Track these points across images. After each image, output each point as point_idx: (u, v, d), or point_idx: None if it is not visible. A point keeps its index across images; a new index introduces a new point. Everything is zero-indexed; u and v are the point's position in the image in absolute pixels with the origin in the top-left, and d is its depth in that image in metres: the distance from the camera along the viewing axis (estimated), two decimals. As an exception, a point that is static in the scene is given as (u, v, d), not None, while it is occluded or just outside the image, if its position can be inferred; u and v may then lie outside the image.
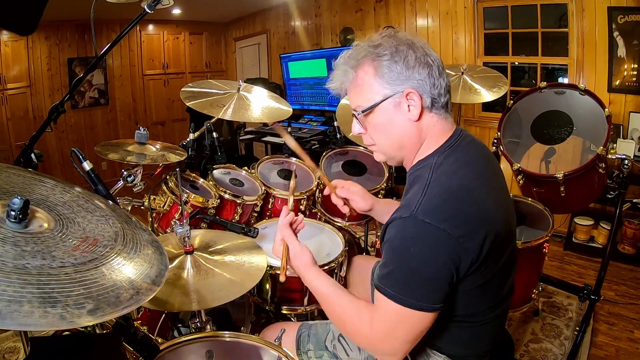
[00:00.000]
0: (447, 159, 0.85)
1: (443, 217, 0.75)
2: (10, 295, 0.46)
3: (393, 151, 0.93)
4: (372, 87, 0.86)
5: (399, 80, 0.84)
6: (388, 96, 0.85)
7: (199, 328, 1.13)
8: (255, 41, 5.61)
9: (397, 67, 0.83)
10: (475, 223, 0.77)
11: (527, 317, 2.16)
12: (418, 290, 0.77)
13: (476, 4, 3.30)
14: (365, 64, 0.87)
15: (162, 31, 5.54)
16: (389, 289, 0.79)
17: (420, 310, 0.77)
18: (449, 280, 0.77)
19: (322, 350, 1.08)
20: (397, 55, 0.84)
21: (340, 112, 1.96)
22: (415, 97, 0.84)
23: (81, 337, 0.79)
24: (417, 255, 0.76)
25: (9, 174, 0.73)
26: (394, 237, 0.80)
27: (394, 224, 0.81)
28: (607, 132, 1.58)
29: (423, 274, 0.76)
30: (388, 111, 0.87)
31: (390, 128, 0.89)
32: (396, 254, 0.80)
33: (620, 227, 2.75)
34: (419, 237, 0.76)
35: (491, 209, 0.81)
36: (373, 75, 0.86)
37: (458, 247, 0.75)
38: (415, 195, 0.81)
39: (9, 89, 4.36)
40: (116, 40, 1.46)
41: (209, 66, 6.13)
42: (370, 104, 0.87)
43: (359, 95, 0.89)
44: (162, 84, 5.70)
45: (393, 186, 2.12)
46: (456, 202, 0.78)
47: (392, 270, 0.80)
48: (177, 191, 1.50)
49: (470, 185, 0.81)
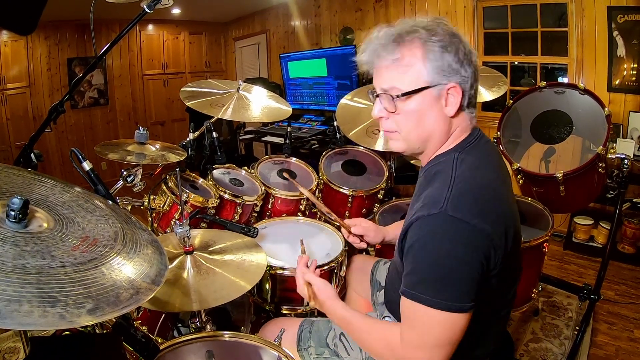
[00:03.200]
0: (468, 155, 0.83)
1: (473, 213, 0.73)
2: (10, 295, 0.46)
3: (418, 142, 0.87)
4: (418, 70, 0.79)
5: (447, 72, 0.79)
6: (431, 85, 0.80)
7: (199, 328, 1.13)
8: (255, 41, 5.60)
9: (449, 57, 0.78)
10: (501, 220, 0.76)
11: (527, 317, 2.16)
12: (453, 290, 0.73)
13: (476, 3, 3.30)
14: (414, 44, 0.79)
15: (161, 31, 5.53)
16: (422, 295, 0.74)
17: (457, 312, 0.73)
18: (480, 277, 0.74)
19: (323, 348, 1.08)
20: (450, 45, 0.78)
21: (340, 112, 1.96)
22: (457, 93, 0.80)
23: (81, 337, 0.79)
24: (451, 253, 0.72)
25: (8, 174, 0.73)
26: (422, 237, 0.75)
27: (419, 223, 0.76)
28: (606, 131, 1.58)
29: (458, 272, 0.73)
30: (426, 100, 0.81)
31: (423, 118, 0.83)
32: (427, 254, 0.75)
33: (620, 226, 2.75)
34: (451, 235, 0.72)
35: (511, 207, 0.82)
36: (421, 59, 0.79)
37: (489, 244, 0.73)
38: (439, 191, 0.77)
39: (9, 89, 4.36)
40: (116, 40, 1.46)
41: (209, 66, 6.13)
42: (411, 88, 0.80)
43: (399, 75, 0.81)
44: (161, 83, 5.70)
45: (393, 186, 2.12)
46: (484, 198, 0.76)
47: (422, 273, 0.75)
48: (176, 191, 1.50)
49: (494, 182, 0.81)
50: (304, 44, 4.82)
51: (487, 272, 0.75)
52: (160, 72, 5.66)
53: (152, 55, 5.52)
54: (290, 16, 4.95)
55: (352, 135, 1.86)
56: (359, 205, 1.90)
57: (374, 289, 1.34)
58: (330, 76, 4.31)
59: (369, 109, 1.90)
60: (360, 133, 1.84)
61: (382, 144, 1.80)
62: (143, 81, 5.52)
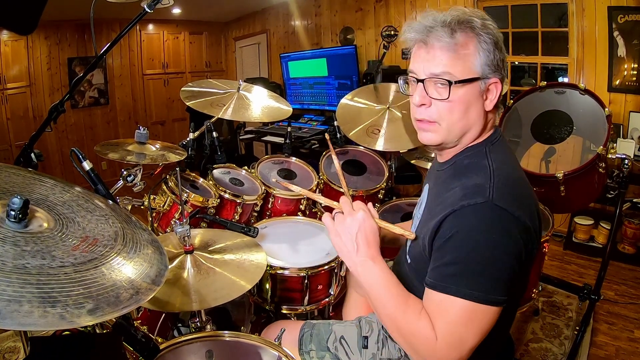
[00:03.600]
0: (495, 150, 0.85)
1: (517, 205, 0.73)
2: (10, 295, 0.46)
3: (459, 134, 0.85)
4: (472, 60, 0.80)
5: (495, 67, 0.81)
6: (481, 77, 0.81)
7: (199, 328, 1.13)
8: (255, 41, 5.60)
9: (497, 53, 0.81)
10: (536, 215, 0.78)
11: (527, 317, 2.16)
12: (492, 282, 0.71)
13: (476, 3, 3.29)
14: (469, 34, 0.80)
15: (162, 31, 5.53)
16: (459, 287, 0.71)
17: (494, 305, 0.71)
18: (518, 271, 0.73)
19: (324, 351, 1.08)
20: (499, 43, 0.82)
21: (340, 112, 1.96)
22: (497, 89, 0.83)
23: (81, 337, 0.79)
24: (498, 244, 0.71)
25: (9, 174, 0.73)
26: (467, 226, 0.72)
27: (462, 212, 0.73)
28: (607, 131, 1.57)
29: (500, 263, 0.71)
30: (474, 91, 0.82)
31: (469, 109, 0.83)
32: (475, 242, 0.72)
33: (620, 226, 2.75)
34: (499, 224, 0.71)
35: (538, 203, 0.83)
36: (475, 49, 0.80)
37: (528, 237, 0.74)
38: (482, 181, 0.76)
39: (9, 89, 4.36)
40: (116, 40, 1.46)
41: (209, 66, 6.12)
42: (465, 77, 0.80)
43: (456, 62, 0.80)
44: (162, 83, 5.69)
45: (393, 186, 2.12)
46: (522, 190, 0.78)
47: (463, 265, 0.72)
48: (177, 191, 1.50)
49: (525, 178, 0.83)
50: (304, 43, 4.82)
51: (523, 266, 0.75)
52: (161, 72, 5.66)
53: (152, 54, 5.52)
54: (291, 16, 4.95)
55: (352, 135, 1.85)
56: (359, 205, 1.89)
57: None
58: (330, 76, 4.31)
59: (369, 109, 1.93)
60: (361, 133, 1.84)
61: (382, 143, 1.80)
62: (143, 81, 5.52)
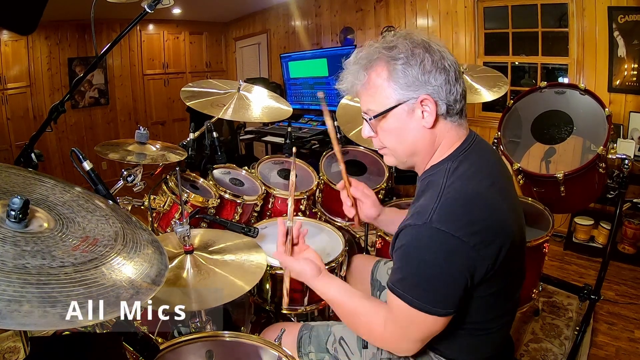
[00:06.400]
0: (461, 164, 0.83)
1: (458, 225, 0.74)
2: (10, 295, 0.46)
3: (405, 157, 0.90)
4: (385, 91, 0.82)
5: (414, 85, 0.80)
6: (402, 102, 0.82)
7: (199, 328, 1.13)
8: (256, 41, 5.60)
9: (413, 71, 0.79)
10: (492, 230, 0.76)
11: (527, 317, 2.16)
12: (432, 296, 0.76)
13: (476, 3, 3.29)
14: (379, 66, 0.83)
15: (162, 31, 5.53)
16: (404, 293, 0.78)
17: (433, 315, 0.77)
18: (463, 287, 0.76)
19: (323, 353, 1.08)
20: (413, 58, 0.79)
21: (340, 112, 1.96)
22: (430, 104, 0.81)
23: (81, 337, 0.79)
24: (432, 264, 0.75)
25: (9, 174, 0.73)
26: (407, 245, 0.79)
27: (406, 231, 0.79)
28: (607, 132, 1.57)
29: (438, 281, 0.76)
30: (401, 117, 0.83)
31: (403, 134, 0.85)
32: (410, 261, 0.78)
33: (620, 227, 2.75)
34: (434, 246, 0.75)
35: (507, 215, 0.81)
36: (387, 79, 0.82)
37: (474, 255, 0.74)
38: (429, 201, 0.78)
39: (9, 89, 4.36)
40: (116, 40, 1.46)
41: (209, 66, 6.13)
42: (383, 108, 0.83)
43: (370, 98, 0.85)
44: (162, 83, 5.70)
45: (393, 186, 2.12)
46: (472, 209, 0.76)
47: (406, 277, 0.79)
48: (177, 191, 1.50)
49: (486, 192, 0.80)
50: (304, 44, 4.82)
51: (472, 282, 0.77)
52: (161, 72, 5.66)
53: (152, 55, 5.52)
54: (291, 16, 4.95)
55: (352, 135, 1.86)
56: (359, 205, 1.89)
57: (374, 289, 1.34)
58: (331, 76, 4.31)
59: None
60: (361, 133, 1.84)
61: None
62: (143, 81, 5.52)
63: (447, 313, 0.77)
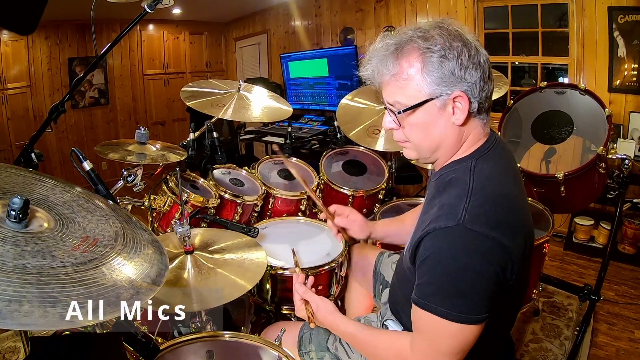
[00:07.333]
0: (486, 163, 0.81)
1: (491, 226, 0.71)
2: (10, 295, 0.46)
3: (429, 152, 0.85)
4: (418, 84, 0.77)
5: (449, 81, 0.76)
6: (434, 97, 0.77)
7: (199, 328, 1.13)
8: (256, 41, 5.60)
9: (450, 65, 0.75)
10: (519, 231, 0.75)
11: (527, 317, 2.16)
12: (468, 303, 0.72)
13: (476, 3, 3.29)
14: (412, 55, 0.77)
15: (162, 31, 5.53)
16: (437, 306, 0.73)
17: (470, 324, 0.73)
18: (496, 289, 0.73)
19: (323, 352, 1.08)
20: (450, 52, 0.74)
21: (340, 112, 1.96)
22: (463, 101, 0.77)
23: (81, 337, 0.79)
24: (468, 267, 0.71)
25: (9, 174, 0.73)
26: (439, 249, 0.74)
27: (435, 234, 0.75)
28: (607, 132, 1.57)
29: (474, 285, 0.72)
30: (431, 112, 0.79)
31: (430, 129, 0.81)
32: (444, 266, 0.73)
33: (620, 227, 2.75)
34: (470, 248, 0.71)
35: (527, 216, 0.81)
36: (420, 71, 0.76)
37: (506, 256, 0.72)
38: (456, 201, 0.75)
39: (9, 89, 4.36)
40: (116, 40, 1.46)
41: (209, 66, 6.12)
42: (413, 102, 0.78)
43: (400, 90, 0.79)
44: (162, 83, 5.69)
45: (393, 186, 2.12)
46: (502, 210, 0.75)
47: (438, 286, 0.74)
48: (177, 191, 1.50)
49: (512, 192, 0.79)
50: (304, 44, 4.82)
51: (504, 284, 0.74)
52: (161, 72, 5.66)
53: (152, 55, 5.51)
54: (291, 16, 4.95)
55: (352, 135, 1.85)
56: (360, 205, 1.90)
57: (376, 282, 1.32)
58: (331, 76, 4.31)
59: (370, 109, 1.92)
60: (361, 133, 1.84)
61: (382, 144, 1.80)
62: (144, 81, 5.52)
63: (484, 319, 0.73)
